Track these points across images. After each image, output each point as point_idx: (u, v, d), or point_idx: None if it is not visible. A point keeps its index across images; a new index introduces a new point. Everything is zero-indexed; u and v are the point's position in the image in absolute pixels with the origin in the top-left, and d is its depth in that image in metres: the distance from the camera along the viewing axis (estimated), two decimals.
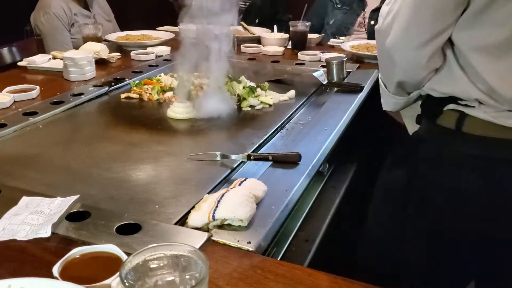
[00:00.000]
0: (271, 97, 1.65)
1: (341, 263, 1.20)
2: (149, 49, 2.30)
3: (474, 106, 0.94)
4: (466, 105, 0.95)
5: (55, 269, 0.72)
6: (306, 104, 1.65)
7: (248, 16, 3.23)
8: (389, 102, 1.14)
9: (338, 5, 2.85)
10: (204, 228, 0.90)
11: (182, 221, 0.93)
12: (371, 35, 2.64)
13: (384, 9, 0.99)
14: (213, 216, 0.89)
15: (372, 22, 2.71)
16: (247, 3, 3.47)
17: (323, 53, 2.27)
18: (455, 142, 0.99)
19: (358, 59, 2.21)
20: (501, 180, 0.98)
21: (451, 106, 0.98)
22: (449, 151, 1.01)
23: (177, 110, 1.50)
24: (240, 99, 1.62)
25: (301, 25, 2.43)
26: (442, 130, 1.01)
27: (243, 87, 1.65)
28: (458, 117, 0.97)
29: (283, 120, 1.48)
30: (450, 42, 0.95)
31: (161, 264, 0.63)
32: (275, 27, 2.63)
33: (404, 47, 0.95)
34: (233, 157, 1.18)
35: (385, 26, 0.97)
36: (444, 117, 0.99)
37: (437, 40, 0.93)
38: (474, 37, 0.90)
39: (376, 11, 2.73)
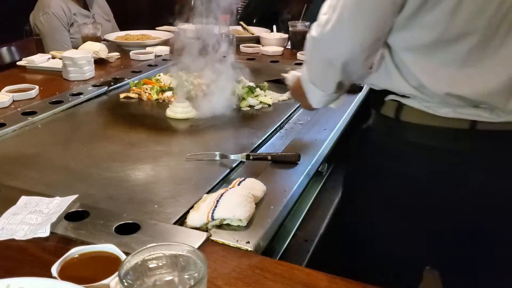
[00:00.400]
0: (270, 97, 1.65)
1: (340, 263, 1.20)
2: (148, 49, 2.30)
3: (409, 97, 1.02)
4: (403, 96, 1.02)
5: (54, 269, 0.72)
6: None
7: (246, 15, 3.23)
8: (322, 100, 1.18)
9: None
10: (203, 228, 0.90)
11: (181, 221, 0.93)
12: None
13: (322, 18, 1.03)
14: (212, 216, 0.89)
15: None
16: (245, 3, 3.47)
17: None
18: (396, 131, 1.06)
19: None
20: (440, 167, 1.03)
21: (390, 96, 1.05)
22: (393, 139, 1.08)
23: (176, 110, 1.50)
24: (239, 99, 1.62)
25: (300, 25, 2.43)
26: (386, 119, 1.08)
27: (242, 87, 1.65)
28: (397, 106, 1.04)
29: (282, 120, 1.48)
30: (385, 43, 1.02)
31: (160, 264, 0.63)
32: (274, 27, 2.63)
33: (347, 53, 1.00)
34: (232, 157, 1.18)
35: (325, 36, 1.01)
36: (386, 106, 1.06)
37: (377, 43, 1.00)
38: (406, 39, 0.97)
39: None
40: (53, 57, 2.08)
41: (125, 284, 0.59)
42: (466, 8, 0.89)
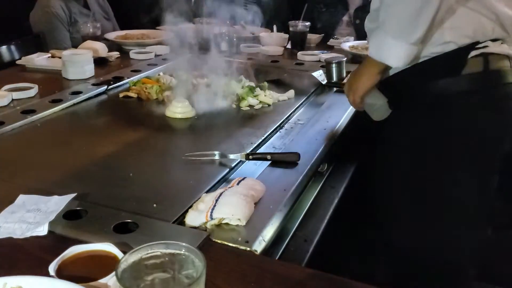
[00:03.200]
0: (270, 96, 1.64)
1: (339, 263, 1.20)
2: (148, 48, 2.30)
3: (493, 41, 1.07)
4: (484, 46, 1.07)
5: (52, 268, 0.72)
6: (305, 104, 1.65)
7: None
8: (403, 55, 1.12)
9: (323, 9, 2.92)
10: (202, 227, 0.89)
11: (180, 220, 0.93)
12: (359, 33, 2.68)
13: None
14: (211, 215, 0.89)
15: (358, 21, 2.75)
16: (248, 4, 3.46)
17: (322, 53, 2.26)
18: (489, 79, 1.10)
19: (357, 60, 2.20)
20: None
21: (473, 53, 1.08)
22: (486, 91, 1.10)
23: (176, 110, 1.49)
24: (239, 99, 1.61)
25: (300, 25, 2.43)
26: (472, 76, 1.09)
27: (242, 87, 1.65)
28: (483, 59, 1.07)
29: (282, 119, 1.48)
30: None
31: (158, 262, 0.62)
32: (274, 26, 2.63)
33: None
34: (232, 156, 1.18)
35: None
36: (469, 65, 1.08)
37: None
38: None
39: (359, 10, 2.80)
40: (53, 56, 2.07)
41: (122, 282, 0.58)
42: None
